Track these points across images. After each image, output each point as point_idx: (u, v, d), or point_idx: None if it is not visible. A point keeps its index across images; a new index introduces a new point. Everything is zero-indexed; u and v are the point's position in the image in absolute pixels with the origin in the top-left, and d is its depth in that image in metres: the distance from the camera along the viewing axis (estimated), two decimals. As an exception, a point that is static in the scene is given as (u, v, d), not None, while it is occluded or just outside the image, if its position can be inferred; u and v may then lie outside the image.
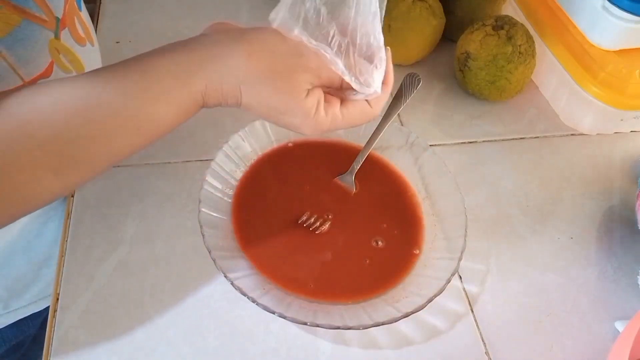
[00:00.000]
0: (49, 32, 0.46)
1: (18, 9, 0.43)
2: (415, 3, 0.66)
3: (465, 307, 0.51)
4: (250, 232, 0.51)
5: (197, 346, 0.47)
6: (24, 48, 0.44)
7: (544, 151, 0.65)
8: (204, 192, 0.51)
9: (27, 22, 0.44)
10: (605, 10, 0.59)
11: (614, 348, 0.43)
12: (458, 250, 0.50)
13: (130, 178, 0.58)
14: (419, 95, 0.69)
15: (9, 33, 0.43)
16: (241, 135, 0.56)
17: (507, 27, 0.64)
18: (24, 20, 0.44)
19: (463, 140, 0.65)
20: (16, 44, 0.44)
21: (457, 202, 0.53)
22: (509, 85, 0.65)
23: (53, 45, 0.47)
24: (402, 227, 0.54)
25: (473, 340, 0.49)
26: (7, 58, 0.44)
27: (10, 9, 0.43)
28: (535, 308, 0.51)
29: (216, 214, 0.51)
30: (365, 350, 0.48)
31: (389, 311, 0.46)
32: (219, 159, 0.54)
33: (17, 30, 0.44)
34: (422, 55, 0.71)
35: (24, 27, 0.44)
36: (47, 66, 0.47)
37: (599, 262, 0.55)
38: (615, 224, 0.58)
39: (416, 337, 0.48)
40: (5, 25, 0.43)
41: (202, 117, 0.64)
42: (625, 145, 0.66)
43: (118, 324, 0.48)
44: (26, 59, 0.45)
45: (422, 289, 0.48)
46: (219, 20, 0.44)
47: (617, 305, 0.52)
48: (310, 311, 0.45)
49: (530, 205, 0.59)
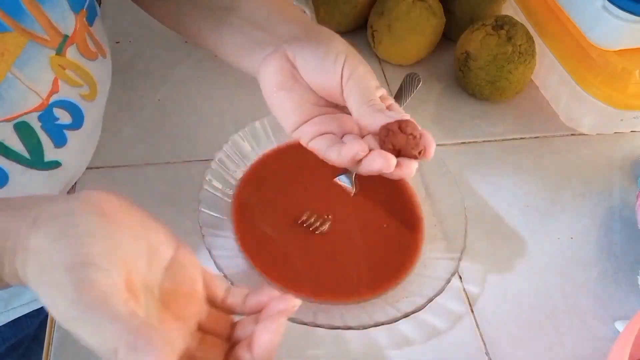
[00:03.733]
0: (49, 50, 0.47)
1: (26, 32, 0.44)
2: (415, 3, 0.66)
3: (465, 307, 0.51)
4: (250, 232, 0.51)
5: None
6: (31, 68, 0.46)
7: (544, 151, 0.65)
8: (204, 192, 0.51)
9: (32, 42, 0.45)
10: (605, 10, 0.59)
11: (614, 348, 0.43)
12: (458, 250, 0.50)
13: (130, 178, 0.58)
14: (419, 95, 0.69)
15: (19, 55, 0.44)
16: (241, 135, 0.56)
17: (507, 27, 0.64)
18: (30, 42, 0.45)
19: (463, 140, 0.65)
20: (25, 65, 0.45)
21: (457, 202, 0.53)
22: (509, 85, 0.65)
23: (55, 62, 0.48)
24: (402, 227, 0.54)
25: (473, 340, 0.49)
26: (23, 80, 0.45)
27: (20, 32, 0.44)
28: (535, 308, 0.51)
29: (216, 214, 0.51)
30: (365, 350, 0.48)
31: (389, 311, 0.46)
32: (219, 159, 0.54)
33: (24, 51, 0.45)
34: (422, 55, 0.71)
35: (29, 48, 0.45)
36: (53, 82, 0.48)
37: (599, 262, 0.55)
38: (615, 224, 0.58)
39: (416, 337, 0.48)
40: (16, 47, 0.44)
41: (202, 117, 0.64)
42: (625, 145, 0.66)
43: (118, 324, 0.47)
44: (35, 78, 0.46)
45: (422, 289, 0.48)
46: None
47: (617, 305, 0.52)
48: (310, 311, 0.45)
49: (530, 205, 0.59)
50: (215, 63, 0.70)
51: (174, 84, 0.67)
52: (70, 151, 0.52)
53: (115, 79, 0.66)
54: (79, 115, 0.52)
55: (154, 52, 0.70)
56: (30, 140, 0.48)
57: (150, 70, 0.68)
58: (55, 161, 0.51)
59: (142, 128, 0.62)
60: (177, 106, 0.65)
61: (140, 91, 0.66)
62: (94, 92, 0.53)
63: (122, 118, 0.63)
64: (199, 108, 0.65)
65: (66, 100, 0.50)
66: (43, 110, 0.47)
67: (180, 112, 0.64)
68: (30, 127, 0.47)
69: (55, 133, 0.50)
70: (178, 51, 0.71)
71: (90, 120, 0.53)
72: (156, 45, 0.71)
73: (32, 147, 0.48)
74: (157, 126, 0.63)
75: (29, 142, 0.48)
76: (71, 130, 0.51)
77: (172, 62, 0.69)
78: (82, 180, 0.57)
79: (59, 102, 0.49)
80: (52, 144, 0.50)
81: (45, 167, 0.50)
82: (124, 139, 0.61)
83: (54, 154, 0.50)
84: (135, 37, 0.72)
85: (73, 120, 0.51)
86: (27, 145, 0.48)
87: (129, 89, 0.66)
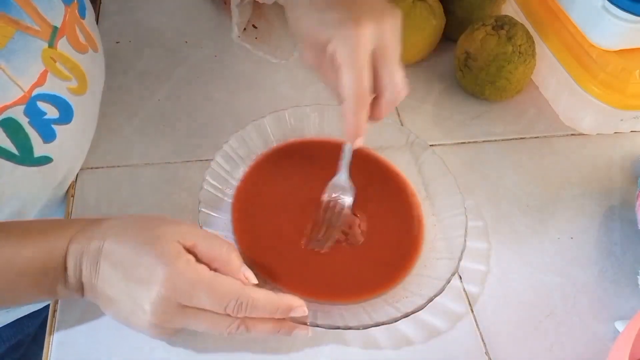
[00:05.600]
0: (42, 41, 0.47)
1: (12, 21, 0.44)
2: (415, 3, 0.66)
3: (465, 307, 0.51)
4: (250, 232, 0.51)
5: (196, 347, 0.47)
6: (18, 59, 0.46)
7: (544, 151, 0.65)
8: (204, 192, 0.51)
9: (20, 33, 0.45)
10: (605, 10, 0.59)
11: (614, 348, 0.43)
12: (458, 250, 0.50)
13: (130, 178, 0.58)
14: (419, 95, 0.69)
15: (4, 45, 0.44)
16: (241, 135, 0.56)
17: (507, 27, 0.64)
18: (18, 32, 0.45)
19: (463, 140, 0.65)
20: (11, 56, 0.45)
21: (457, 202, 0.53)
22: (509, 85, 0.65)
23: (47, 54, 0.48)
24: (402, 227, 0.54)
25: (473, 340, 0.49)
26: (6, 70, 0.45)
27: (6, 21, 0.44)
28: (535, 308, 0.51)
29: (216, 214, 0.51)
30: (366, 350, 0.48)
31: (389, 311, 0.46)
32: (219, 159, 0.54)
33: (12, 42, 0.45)
34: (422, 55, 0.71)
35: (17, 39, 0.45)
36: (40, 75, 0.48)
37: (599, 262, 0.55)
38: (615, 224, 0.58)
39: (416, 337, 0.48)
40: (2, 37, 0.44)
41: (202, 117, 0.64)
42: (625, 145, 0.66)
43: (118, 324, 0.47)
44: (21, 70, 0.46)
45: (422, 289, 0.48)
46: None
47: (617, 305, 0.52)
48: (310, 311, 0.45)
49: (530, 205, 0.59)
50: (216, 63, 0.70)
51: (174, 84, 0.67)
52: (61, 146, 0.52)
53: (116, 79, 0.66)
54: (68, 110, 0.52)
55: (154, 52, 0.70)
56: (18, 137, 0.48)
57: (150, 70, 0.68)
58: (45, 156, 0.51)
59: (142, 128, 0.62)
60: (177, 106, 0.65)
61: (140, 91, 0.66)
62: (84, 86, 0.53)
63: (122, 118, 0.63)
64: (199, 108, 0.65)
65: (51, 94, 0.49)
66: (26, 104, 0.47)
67: (180, 112, 0.64)
68: (17, 122, 0.47)
69: (43, 128, 0.49)
70: (178, 51, 0.71)
71: (81, 114, 0.53)
72: (156, 45, 0.71)
73: (20, 143, 0.48)
74: (157, 126, 0.63)
75: (17, 138, 0.48)
76: (60, 124, 0.51)
77: (172, 62, 0.70)
78: (82, 180, 0.57)
79: (43, 96, 0.49)
80: (41, 139, 0.50)
81: (36, 163, 0.50)
82: (123, 139, 0.61)
83: (43, 150, 0.50)
84: (135, 37, 0.72)
85: (60, 115, 0.51)
86: (15, 142, 0.48)
87: (129, 89, 0.66)
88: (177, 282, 0.40)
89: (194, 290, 0.40)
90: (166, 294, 0.40)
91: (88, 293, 0.44)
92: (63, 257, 0.42)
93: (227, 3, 0.72)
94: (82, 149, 0.57)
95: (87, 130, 0.58)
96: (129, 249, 0.41)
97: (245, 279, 0.43)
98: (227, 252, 0.43)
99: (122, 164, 0.59)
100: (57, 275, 0.43)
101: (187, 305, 0.41)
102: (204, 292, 0.40)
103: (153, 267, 0.40)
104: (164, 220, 0.44)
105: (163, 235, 0.42)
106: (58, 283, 0.43)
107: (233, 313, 0.41)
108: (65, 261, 0.43)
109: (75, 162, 0.56)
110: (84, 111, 0.54)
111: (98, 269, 0.42)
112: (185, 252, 0.42)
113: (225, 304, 0.40)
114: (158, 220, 0.44)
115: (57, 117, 0.51)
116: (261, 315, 0.42)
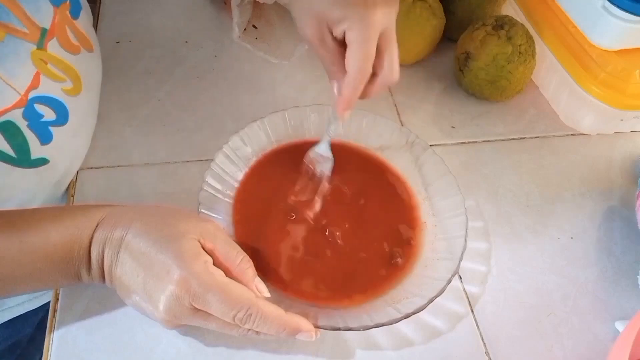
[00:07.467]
0: (30, 44, 0.47)
1: (2, 25, 0.44)
2: (415, 3, 0.66)
3: (466, 308, 0.51)
4: (250, 233, 0.51)
5: (196, 347, 0.47)
6: (10, 62, 0.46)
7: (544, 151, 0.65)
8: (204, 193, 0.51)
9: (10, 36, 0.45)
10: (605, 10, 0.59)
11: (614, 348, 0.43)
12: (458, 251, 0.50)
13: (130, 178, 0.58)
14: (419, 95, 0.69)
15: None
16: (241, 135, 0.56)
17: (507, 27, 0.64)
18: (8, 35, 0.45)
19: (463, 140, 0.65)
20: (3, 59, 0.45)
21: (457, 202, 0.53)
22: (509, 85, 0.65)
23: (37, 56, 0.48)
24: (402, 228, 0.53)
25: (473, 341, 0.49)
26: (1, 76, 0.45)
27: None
28: (535, 308, 0.51)
29: (216, 214, 0.51)
30: (366, 351, 0.48)
31: (389, 312, 0.46)
32: (219, 160, 0.54)
33: (1, 45, 0.45)
34: (422, 55, 0.71)
35: (8, 42, 0.45)
36: (34, 77, 0.48)
37: (599, 262, 0.55)
38: (615, 224, 0.58)
39: (417, 337, 0.48)
40: None
41: (202, 117, 0.64)
42: (625, 145, 0.66)
43: (118, 324, 0.47)
44: (14, 73, 0.46)
45: (423, 289, 0.48)
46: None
47: (617, 305, 0.52)
48: (311, 312, 0.45)
49: (530, 205, 0.59)
50: (216, 63, 0.70)
51: (174, 84, 0.67)
52: (58, 148, 0.52)
53: (116, 79, 0.66)
54: (63, 111, 0.52)
55: (154, 52, 0.70)
56: (16, 140, 0.48)
57: (150, 70, 0.68)
58: (42, 158, 0.51)
59: (142, 128, 0.62)
60: (177, 106, 0.65)
61: (140, 91, 0.66)
62: (78, 87, 0.53)
63: (122, 118, 0.63)
64: (199, 108, 0.65)
65: (46, 96, 0.49)
66: (24, 107, 0.47)
67: (180, 112, 0.64)
68: (16, 126, 0.47)
69: (41, 130, 0.50)
70: (178, 51, 0.71)
71: (77, 115, 0.53)
72: (156, 45, 0.71)
73: (18, 146, 0.48)
74: (157, 126, 0.63)
75: (15, 141, 0.48)
76: (57, 126, 0.51)
77: (172, 62, 0.69)
78: (82, 180, 0.57)
79: (39, 98, 0.49)
80: (38, 141, 0.50)
81: (32, 165, 0.50)
82: (124, 139, 0.61)
83: (40, 151, 0.50)
84: (135, 37, 0.72)
85: (57, 116, 0.51)
86: (12, 145, 0.48)
87: (129, 89, 0.66)
88: (191, 284, 0.40)
89: (207, 294, 0.41)
90: (179, 294, 0.41)
91: (108, 280, 0.45)
92: (88, 243, 0.43)
93: (227, 3, 0.72)
94: (79, 149, 0.57)
95: (84, 131, 0.58)
96: (150, 242, 0.42)
97: (257, 292, 0.43)
98: (243, 262, 0.44)
99: (122, 164, 0.59)
100: (81, 260, 0.44)
101: (198, 308, 0.41)
102: (216, 298, 0.41)
103: (170, 266, 0.41)
104: (189, 215, 0.45)
105: (186, 233, 0.42)
106: (82, 268, 0.44)
107: (241, 323, 0.41)
108: (89, 247, 0.43)
109: (72, 162, 0.56)
110: (80, 112, 0.54)
111: (119, 258, 0.43)
112: (204, 253, 0.42)
113: (235, 312, 0.41)
114: (183, 215, 0.45)
115: (54, 119, 0.51)
116: (266, 332, 0.42)
